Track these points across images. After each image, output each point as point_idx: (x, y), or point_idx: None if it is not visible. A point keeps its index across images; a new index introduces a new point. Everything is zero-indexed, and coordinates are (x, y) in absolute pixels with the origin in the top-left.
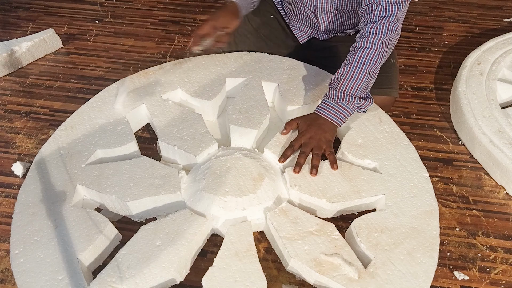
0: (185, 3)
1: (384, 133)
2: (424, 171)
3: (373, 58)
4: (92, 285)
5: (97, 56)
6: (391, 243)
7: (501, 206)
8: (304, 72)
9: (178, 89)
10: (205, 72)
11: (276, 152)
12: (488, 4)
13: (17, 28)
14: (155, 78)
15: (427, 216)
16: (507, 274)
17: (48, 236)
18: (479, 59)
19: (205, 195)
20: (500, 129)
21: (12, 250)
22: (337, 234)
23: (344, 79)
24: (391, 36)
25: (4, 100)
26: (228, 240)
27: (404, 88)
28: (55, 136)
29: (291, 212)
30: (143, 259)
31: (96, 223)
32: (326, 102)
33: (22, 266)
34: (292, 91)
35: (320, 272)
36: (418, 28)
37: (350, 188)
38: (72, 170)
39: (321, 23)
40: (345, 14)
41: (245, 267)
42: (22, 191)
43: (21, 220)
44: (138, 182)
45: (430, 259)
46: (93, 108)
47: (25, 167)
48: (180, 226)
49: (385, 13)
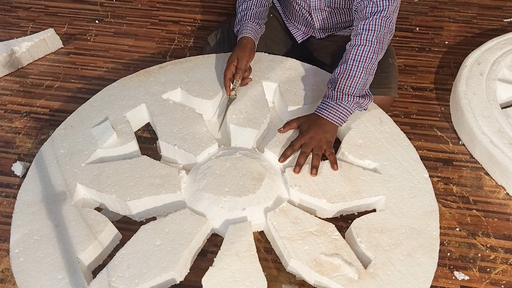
0: (185, 3)
1: (384, 133)
2: (424, 171)
3: (368, 55)
4: (92, 285)
5: (97, 56)
6: (391, 244)
7: (501, 206)
8: (305, 72)
9: (178, 89)
10: (206, 71)
11: (276, 152)
12: (488, 4)
13: (17, 28)
14: (155, 78)
15: (427, 217)
16: (507, 274)
17: (48, 236)
18: (479, 59)
19: (205, 195)
20: (500, 129)
21: (12, 249)
22: (337, 235)
23: (341, 78)
24: (385, 31)
25: (4, 100)
26: (228, 240)
27: (404, 88)
28: (55, 136)
29: (291, 212)
30: (143, 258)
31: (96, 223)
32: (325, 102)
33: (22, 265)
34: (292, 91)
35: (320, 272)
36: (418, 28)
37: (350, 189)
38: (72, 169)
39: (315, 21)
40: (339, 11)
41: (245, 267)
42: (22, 190)
43: (21, 219)
44: (138, 181)
45: (430, 259)
46: (93, 107)
47: (25, 167)
48: (180, 225)
49: (376, 9)
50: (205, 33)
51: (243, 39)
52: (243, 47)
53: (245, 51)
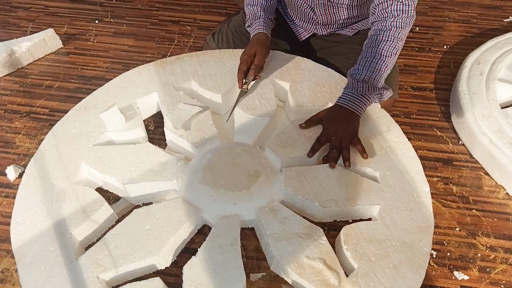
0: (185, 3)
1: (390, 142)
2: (426, 185)
3: (393, 51)
4: (79, 260)
5: (97, 56)
6: (378, 255)
7: (501, 206)
8: (318, 74)
9: (191, 80)
10: (220, 65)
11: (276, 150)
12: (488, 4)
13: (17, 28)
14: (171, 68)
15: (420, 232)
16: (507, 274)
17: (47, 209)
18: (479, 59)
19: (200, 186)
20: (500, 129)
21: (14, 218)
22: (324, 239)
23: (367, 71)
24: (409, 29)
25: (4, 100)
26: (215, 233)
27: (404, 88)
28: (68, 115)
29: (281, 212)
30: (131, 241)
31: (93, 202)
32: (349, 93)
33: (20, 234)
34: (303, 91)
35: (300, 275)
36: (418, 28)
37: (345, 195)
38: (80, 149)
39: (318, 16)
40: (341, 6)
41: (227, 260)
42: (31, 163)
43: (26, 191)
44: (138, 166)
45: (416, 275)
46: (108, 91)
47: (17, 172)
48: (171, 213)
49: (402, 7)
50: (205, 33)
51: (261, 35)
52: (261, 43)
53: (263, 48)
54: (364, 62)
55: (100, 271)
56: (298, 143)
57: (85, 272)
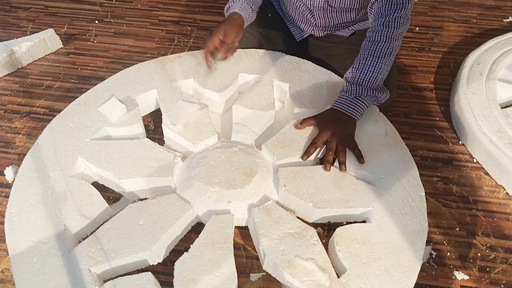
0: (185, 3)
1: (387, 146)
2: (421, 190)
3: (387, 51)
4: (72, 252)
5: (97, 56)
6: (370, 257)
7: (501, 206)
8: (318, 76)
9: (191, 79)
10: (220, 65)
11: (273, 150)
12: (488, 4)
13: (17, 28)
14: (171, 66)
15: (414, 236)
16: (507, 274)
17: (43, 201)
18: (479, 59)
19: (195, 183)
20: (500, 129)
21: (9, 209)
22: (317, 240)
23: (361, 73)
24: (403, 29)
25: (4, 100)
26: (208, 230)
27: (404, 88)
28: (67, 110)
29: (275, 212)
30: (124, 235)
31: (88, 195)
32: (343, 96)
33: (14, 225)
34: (302, 93)
35: (292, 274)
36: (418, 28)
37: (339, 196)
38: (77, 143)
39: (317, 19)
40: (340, 10)
41: (219, 258)
42: (29, 156)
43: (22, 183)
44: (134, 162)
45: (408, 279)
46: (108, 87)
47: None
48: (165, 209)
49: (396, 7)
50: (205, 33)
51: (233, 14)
52: (232, 21)
53: (233, 26)
54: (357, 65)
55: (92, 264)
56: (295, 144)
57: (77, 265)
